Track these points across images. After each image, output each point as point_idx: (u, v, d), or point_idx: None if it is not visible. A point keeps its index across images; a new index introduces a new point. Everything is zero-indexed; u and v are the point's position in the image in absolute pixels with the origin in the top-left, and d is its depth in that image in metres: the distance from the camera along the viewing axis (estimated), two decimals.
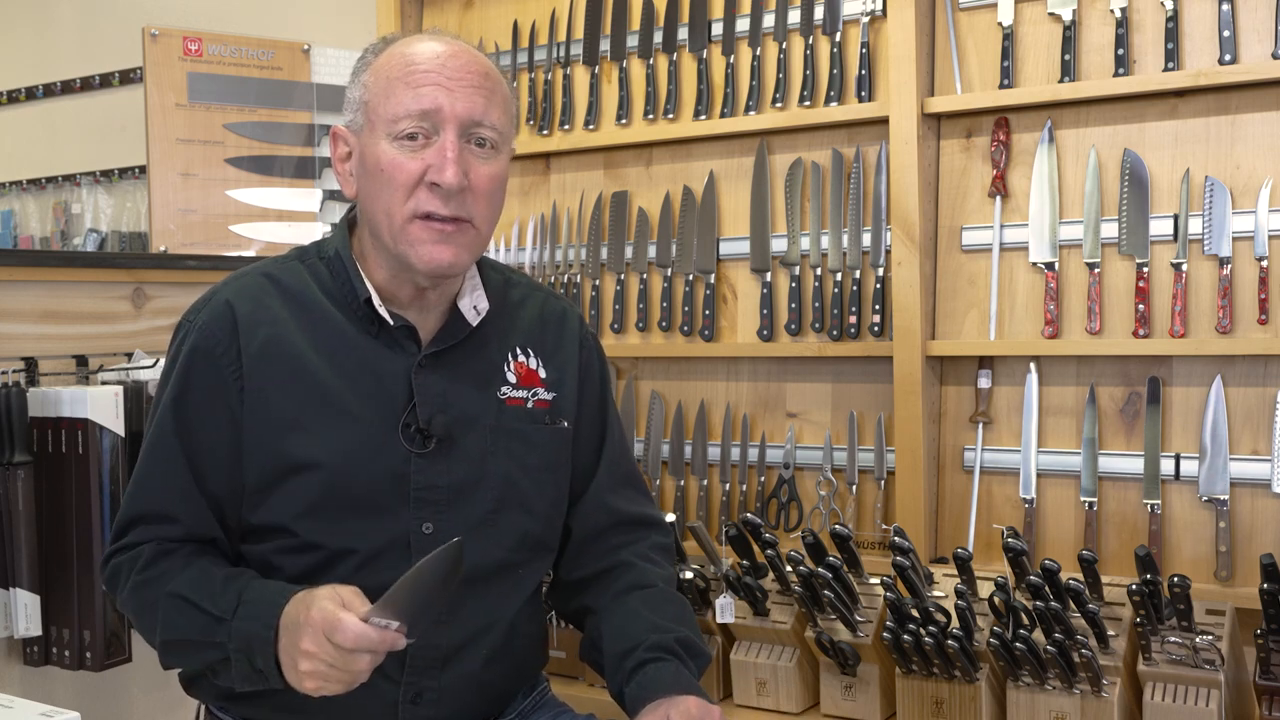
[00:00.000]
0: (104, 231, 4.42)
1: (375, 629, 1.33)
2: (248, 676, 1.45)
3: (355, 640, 1.33)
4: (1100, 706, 1.99)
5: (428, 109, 1.51)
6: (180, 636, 1.50)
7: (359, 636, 1.33)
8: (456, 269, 1.56)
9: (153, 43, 2.98)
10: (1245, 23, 2.31)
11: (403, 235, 1.53)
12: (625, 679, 1.59)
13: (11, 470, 2.13)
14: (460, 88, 1.52)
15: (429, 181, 1.51)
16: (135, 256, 3.31)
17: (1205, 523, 2.34)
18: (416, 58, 1.54)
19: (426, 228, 1.52)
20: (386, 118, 1.52)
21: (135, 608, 1.55)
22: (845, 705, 2.23)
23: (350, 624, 1.33)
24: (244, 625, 1.43)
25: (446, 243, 1.53)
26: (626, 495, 1.79)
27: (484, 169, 1.55)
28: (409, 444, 1.56)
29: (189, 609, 1.47)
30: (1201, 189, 2.34)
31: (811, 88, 2.71)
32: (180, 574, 1.51)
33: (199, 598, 1.47)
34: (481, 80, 1.55)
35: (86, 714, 1.34)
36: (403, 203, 1.52)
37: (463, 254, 1.55)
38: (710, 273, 2.85)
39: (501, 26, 3.17)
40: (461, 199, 1.52)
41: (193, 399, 1.55)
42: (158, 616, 1.51)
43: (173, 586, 1.49)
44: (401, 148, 1.52)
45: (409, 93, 1.52)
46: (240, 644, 1.44)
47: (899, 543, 2.12)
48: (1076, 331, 2.45)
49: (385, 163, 1.52)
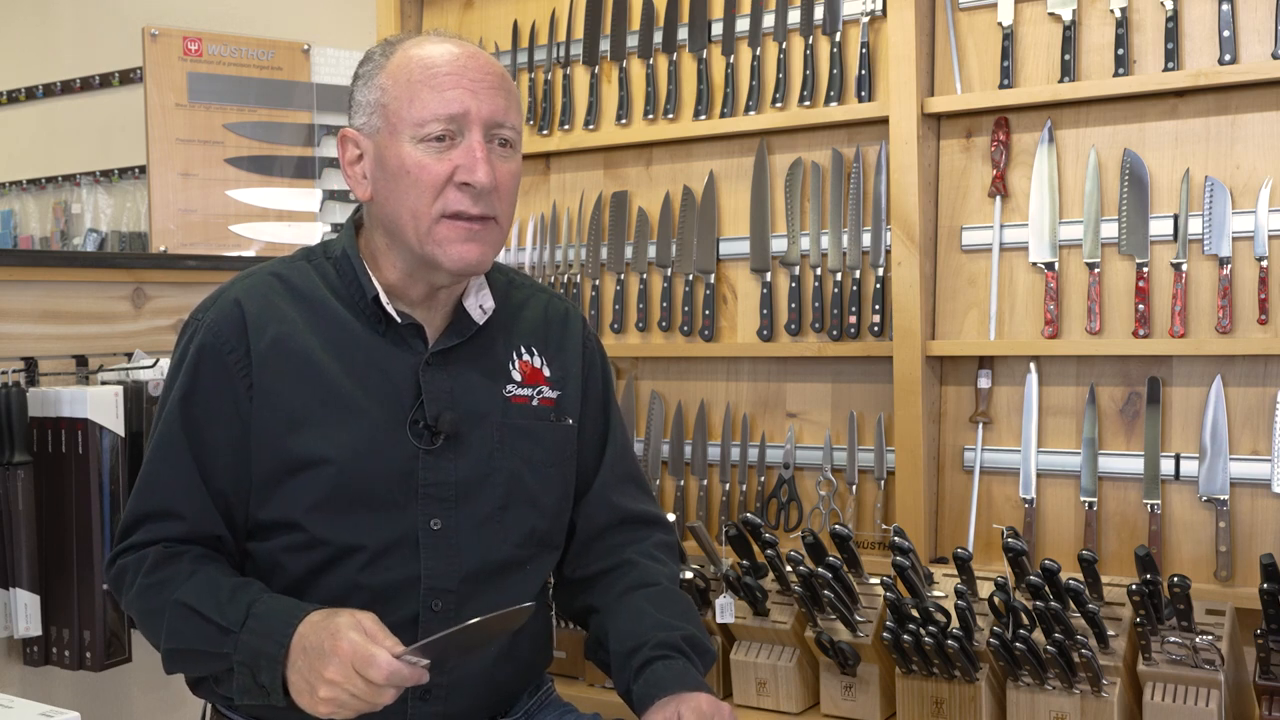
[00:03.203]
0: (104, 231, 4.42)
1: (407, 666, 1.34)
2: (249, 690, 1.45)
3: (388, 678, 1.34)
4: (1100, 706, 1.99)
5: (455, 112, 1.54)
6: (186, 646, 1.50)
7: (392, 675, 1.34)
8: (484, 266, 1.59)
9: (153, 43, 2.98)
10: (1245, 23, 2.32)
11: (430, 236, 1.54)
12: (633, 676, 1.59)
13: (11, 470, 2.13)
14: (484, 89, 1.55)
15: (458, 182, 1.53)
16: (135, 256, 3.31)
17: (1205, 523, 2.34)
18: (436, 61, 1.56)
19: (454, 227, 1.54)
20: (412, 121, 1.54)
21: (141, 612, 1.55)
22: (845, 705, 2.23)
23: (385, 662, 1.34)
24: (252, 640, 1.43)
25: (474, 241, 1.55)
26: (630, 493, 1.80)
27: (506, 167, 1.58)
28: (417, 440, 1.57)
29: (195, 619, 1.48)
30: (1201, 189, 2.34)
31: (811, 88, 2.71)
32: (187, 581, 1.50)
33: (206, 607, 1.47)
34: (500, 81, 1.58)
35: (86, 714, 1.34)
36: (430, 203, 1.54)
37: (489, 251, 1.58)
38: (710, 273, 2.85)
39: (501, 26, 3.17)
40: (489, 198, 1.55)
41: (200, 397, 1.55)
42: (163, 624, 1.51)
43: (179, 594, 1.49)
44: (427, 150, 1.54)
45: (435, 96, 1.54)
46: (246, 658, 1.44)
47: (899, 543, 2.12)
48: (1076, 331, 2.45)
49: (411, 164, 1.54)
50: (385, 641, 1.36)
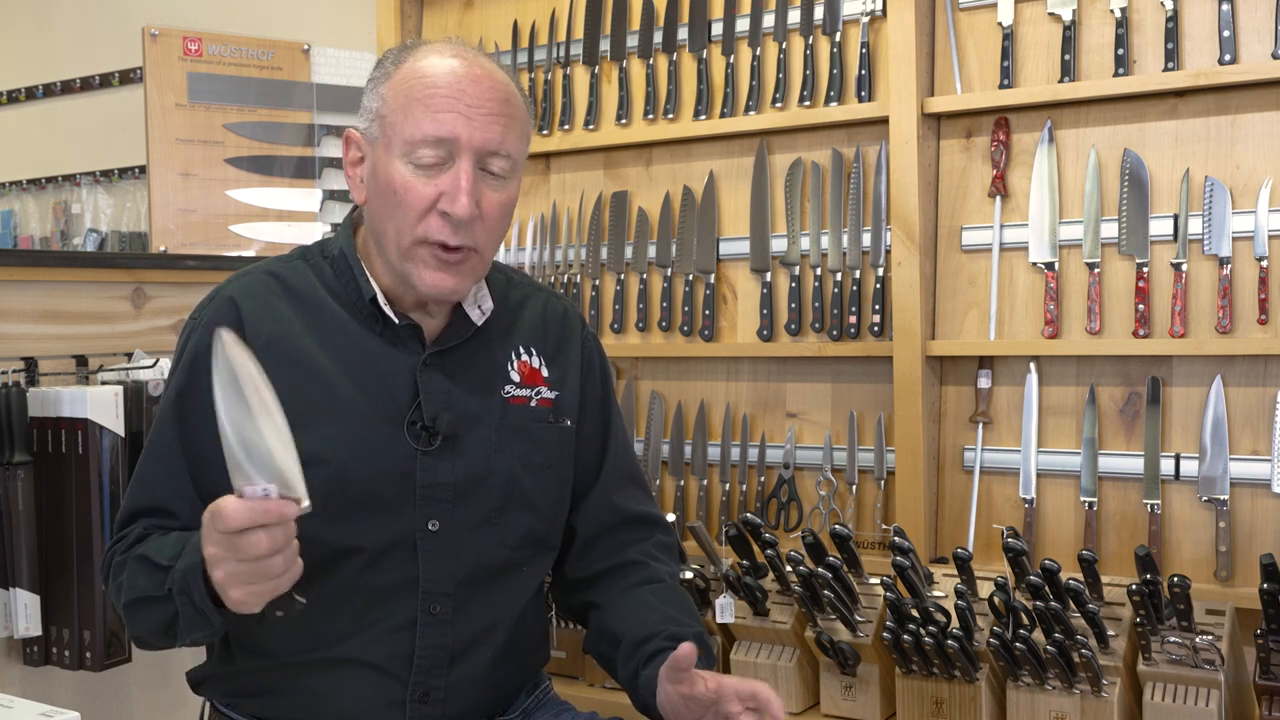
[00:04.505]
0: (104, 231, 4.42)
1: (251, 500, 1.26)
2: (193, 621, 1.40)
3: (236, 518, 1.26)
4: (1100, 706, 1.99)
5: (444, 137, 1.50)
6: (139, 595, 1.47)
7: (236, 511, 1.26)
8: (458, 295, 1.58)
9: (153, 43, 2.98)
10: (1245, 23, 2.32)
11: (409, 257, 1.53)
12: (642, 663, 1.59)
13: (11, 470, 2.13)
14: (479, 115, 1.52)
15: (440, 210, 1.51)
16: (135, 256, 3.31)
17: (1205, 523, 2.34)
18: (437, 78, 1.52)
19: (433, 254, 1.52)
20: (403, 138, 1.52)
21: (114, 589, 1.53)
22: (845, 705, 2.23)
23: (225, 505, 1.26)
24: (181, 565, 1.40)
25: (449, 271, 1.53)
26: (631, 494, 1.79)
27: (495, 197, 1.55)
28: (414, 442, 1.57)
29: (148, 566, 1.45)
30: (1201, 189, 2.34)
31: (811, 88, 2.71)
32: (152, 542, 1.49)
33: (158, 555, 1.45)
34: (501, 107, 1.54)
35: (86, 714, 1.33)
36: (413, 226, 1.52)
37: (465, 280, 1.56)
38: (710, 273, 2.85)
39: (501, 26, 3.17)
40: (470, 229, 1.52)
41: (195, 395, 1.55)
42: (123, 580, 1.49)
43: (140, 550, 1.48)
44: (416, 171, 1.51)
45: (428, 116, 1.51)
46: (180, 585, 1.39)
47: (899, 543, 2.12)
48: (1076, 331, 2.45)
49: (398, 184, 1.52)
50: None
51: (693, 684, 1.48)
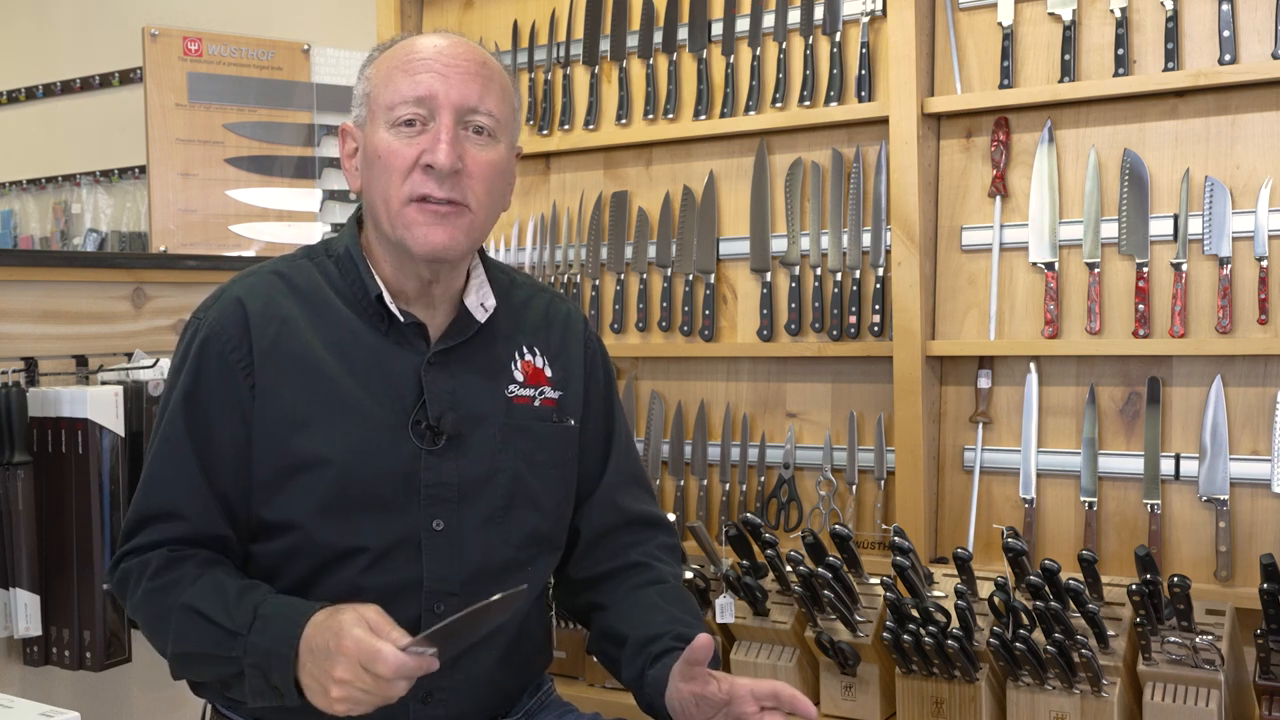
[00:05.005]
0: (104, 231, 4.42)
1: (413, 657, 1.33)
2: (262, 692, 1.44)
3: (395, 671, 1.32)
4: (1100, 706, 1.99)
5: (423, 95, 1.53)
6: (193, 650, 1.49)
7: (398, 667, 1.32)
8: (452, 252, 1.56)
9: (153, 43, 2.98)
10: (1245, 23, 2.32)
11: (400, 219, 1.54)
12: (649, 663, 1.58)
13: (11, 470, 2.13)
14: (456, 74, 1.54)
15: (424, 164, 1.52)
16: (135, 256, 3.31)
17: (1205, 523, 2.34)
18: (416, 50, 1.57)
19: (422, 210, 1.53)
20: (385, 105, 1.55)
21: (146, 617, 1.54)
22: (845, 705, 2.23)
23: (390, 656, 1.32)
24: (261, 641, 1.42)
25: (441, 224, 1.53)
26: (635, 495, 1.79)
27: (481, 155, 1.56)
28: (419, 441, 1.56)
29: (202, 622, 1.46)
30: (1201, 189, 2.34)
31: (811, 88, 2.71)
32: (192, 585, 1.49)
33: (213, 611, 1.46)
34: (478, 68, 1.57)
35: (86, 714, 1.33)
36: (399, 187, 1.53)
37: (459, 236, 1.55)
38: (710, 273, 2.85)
39: (501, 26, 3.17)
40: (456, 181, 1.53)
41: (203, 395, 1.55)
42: (170, 628, 1.49)
43: (186, 598, 1.48)
44: (399, 134, 1.54)
45: (406, 80, 1.54)
46: (257, 660, 1.42)
47: (899, 543, 2.12)
48: (1076, 331, 2.46)
49: (383, 150, 1.54)
50: (391, 634, 1.35)
51: (705, 683, 1.48)
